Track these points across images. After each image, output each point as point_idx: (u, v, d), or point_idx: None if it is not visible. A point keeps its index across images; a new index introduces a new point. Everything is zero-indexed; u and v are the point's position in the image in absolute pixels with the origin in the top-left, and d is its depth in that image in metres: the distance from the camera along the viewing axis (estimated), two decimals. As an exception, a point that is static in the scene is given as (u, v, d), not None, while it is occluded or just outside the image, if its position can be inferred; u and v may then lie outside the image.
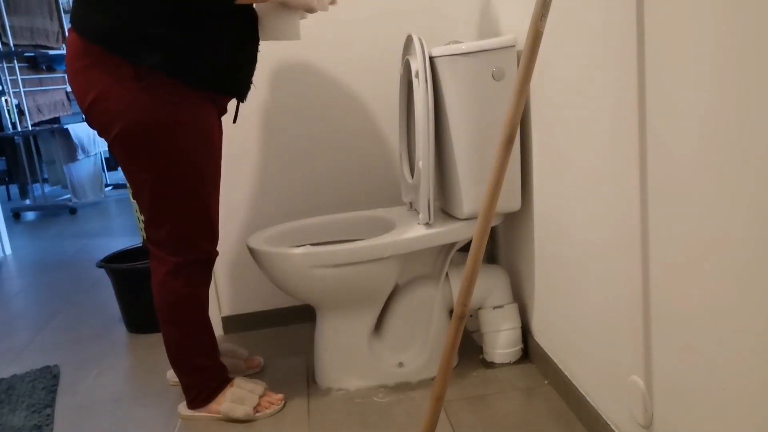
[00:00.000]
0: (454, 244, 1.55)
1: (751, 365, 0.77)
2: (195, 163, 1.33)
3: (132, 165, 1.32)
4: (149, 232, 1.39)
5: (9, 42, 4.79)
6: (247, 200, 1.92)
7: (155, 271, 1.41)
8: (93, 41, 1.24)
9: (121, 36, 1.22)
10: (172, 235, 1.36)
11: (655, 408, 1.03)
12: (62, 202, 4.73)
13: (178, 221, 1.35)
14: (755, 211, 0.73)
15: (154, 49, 1.23)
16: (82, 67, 1.26)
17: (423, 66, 1.39)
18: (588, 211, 1.19)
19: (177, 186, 1.33)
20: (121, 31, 1.22)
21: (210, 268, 1.44)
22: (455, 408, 1.44)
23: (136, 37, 1.22)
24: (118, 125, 1.27)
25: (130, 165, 1.32)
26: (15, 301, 2.66)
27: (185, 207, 1.35)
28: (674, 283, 0.92)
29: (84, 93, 1.28)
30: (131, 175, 1.34)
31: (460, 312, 1.08)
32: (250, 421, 1.47)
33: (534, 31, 0.96)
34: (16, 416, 1.62)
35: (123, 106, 1.25)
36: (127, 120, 1.26)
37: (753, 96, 0.71)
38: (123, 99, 1.25)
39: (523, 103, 1.01)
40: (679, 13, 0.83)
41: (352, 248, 1.43)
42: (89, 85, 1.26)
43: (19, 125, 4.88)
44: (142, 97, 1.25)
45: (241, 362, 1.72)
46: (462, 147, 1.45)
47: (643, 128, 0.95)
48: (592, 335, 1.24)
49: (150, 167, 1.30)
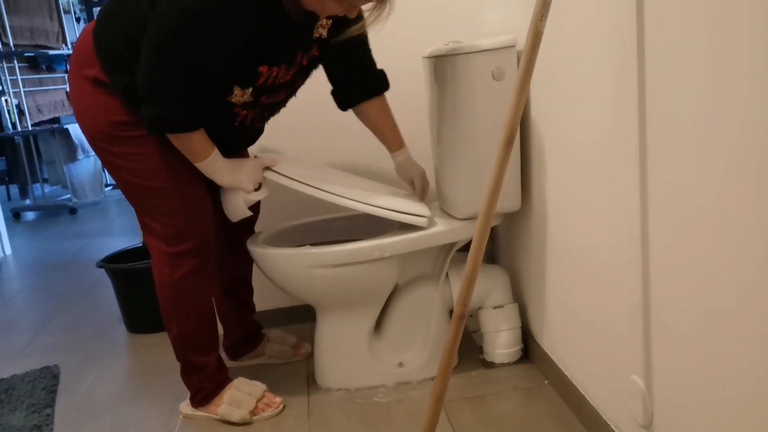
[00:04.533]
0: (454, 244, 1.55)
1: (751, 365, 0.77)
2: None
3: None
4: (140, 224, 1.41)
5: (9, 42, 4.79)
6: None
7: (154, 263, 1.41)
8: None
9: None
10: (164, 226, 1.37)
11: (655, 408, 1.03)
12: (62, 202, 4.72)
13: (157, 215, 1.36)
14: (755, 211, 0.73)
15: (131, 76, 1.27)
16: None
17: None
18: (588, 211, 1.19)
19: (131, 192, 1.37)
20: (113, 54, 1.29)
21: (208, 259, 1.42)
22: (455, 408, 1.44)
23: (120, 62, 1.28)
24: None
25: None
26: (15, 301, 2.66)
27: (154, 204, 1.36)
28: (674, 283, 0.92)
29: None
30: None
31: (460, 312, 1.08)
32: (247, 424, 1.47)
33: (534, 31, 0.96)
34: (16, 416, 1.62)
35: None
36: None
37: (754, 95, 0.71)
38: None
39: (523, 103, 1.01)
40: (679, 13, 0.83)
41: (352, 248, 1.43)
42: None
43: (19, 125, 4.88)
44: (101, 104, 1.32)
45: (289, 349, 1.75)
46: (462, 147, 1.45)
47: (644, 128, 0.95)
48: (592, 335, 1.24)
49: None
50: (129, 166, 1.33)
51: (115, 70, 1.28)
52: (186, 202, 1.36)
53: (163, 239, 1.37)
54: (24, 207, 4.78)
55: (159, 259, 1.40)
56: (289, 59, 1.34)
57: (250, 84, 1.30)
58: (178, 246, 1.37)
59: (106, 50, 1.29)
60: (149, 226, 1.39)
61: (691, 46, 0.81)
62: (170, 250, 1.37)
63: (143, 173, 1.33)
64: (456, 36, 1.89)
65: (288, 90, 1.43)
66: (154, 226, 1.37)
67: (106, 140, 1.32)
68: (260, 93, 1.34)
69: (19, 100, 4.90)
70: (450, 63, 1.42)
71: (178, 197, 1.36)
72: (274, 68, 1.31)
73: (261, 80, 1.31)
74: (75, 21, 5.93)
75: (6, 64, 4.85)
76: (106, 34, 1.29)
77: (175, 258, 1.37)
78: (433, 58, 1.51)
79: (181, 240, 1.37)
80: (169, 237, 1.36)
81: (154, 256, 1.41)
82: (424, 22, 1.87)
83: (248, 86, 1.31)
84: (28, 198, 5.00)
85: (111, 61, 1.28)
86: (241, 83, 1.30)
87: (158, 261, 1.40)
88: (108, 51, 1.28)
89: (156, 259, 1.40)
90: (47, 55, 5.22)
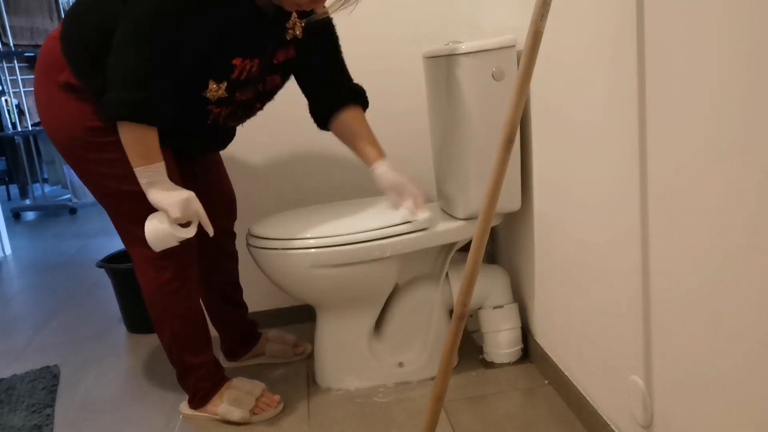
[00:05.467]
0: (454, 244, 1.55)
1: (752, 365, 0.77)
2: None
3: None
4: (119, 230, 1.39)
5: (9, 42, 4.79)
6: (247, 200, 1.92)
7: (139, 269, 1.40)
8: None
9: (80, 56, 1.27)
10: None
11: (655, 408, 1.03)
12: (62, 202, 4.73)
13: (140, 219, 1.30)
14: (756, 212, 0.73)
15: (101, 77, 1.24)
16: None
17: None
18: (588, 211, 1.19)
19: (112, 198, 1.35)
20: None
21: (192, 259, 1.41)
22: (455, 408, 1.44)
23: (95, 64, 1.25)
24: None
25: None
26: (15, 301, 2.66)
27: (137, 208, 1.32)
28: (674, 283, 0.92)
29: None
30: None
31: (460, 312, 1.08)
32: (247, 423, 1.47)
33: (534, 31, 0.96)
34: (16, 416, 1.62)
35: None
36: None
37: (755, 94, 0.71)
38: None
39: (523, 103, 1.01)
40: (679, 13, 0.83)
41: (352, 248, 1.43)
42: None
43: (19, 125, 4.88)
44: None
45: (289, 347, 1.75)
46: (462, 147, 1.45)
47: (644, 128, 0.95)
48: (592, 335, 1.24)
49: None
50: (109, 172, 1.31)
51: (87, 72, 1.26)
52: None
53: (146, 243, 1.36)
54: (24, 207, 4.78)
55: (144, 265, 1.38)
56: (261, 51, 1.33)
57: (224, 78, 1.29)
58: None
59: (76, 52, 1.27)
60: (131, 232, 1.36)
61: (691, 47, 0.81)
62: (154, 254, 1.35)
63: (122, 178, 1.30)
64: (456, 36, 1.89)
65: (261, 86, 1.40)
66: (137, 231, 1.33)
67: (81, 147, 1.30)
68: (234, 88, 1.32)
69: (19, 100, 4.90)
70: (450, 63, 1.42)
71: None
72: (247, 61, 1.30)
73: (235, 73, 1.30)
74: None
75: (6, 64, 4.85)
76: (75, 36, 1.27)
77: (159, 261, 1.36)
78: (433, 58, 1.51)
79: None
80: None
81: (138, 263, 1.39)
82: (424, 22, 1.88)
83: (223, 80, 1.29)
84: (28, 198, 5.01)
85: (82, 63, 1.26)
86: (216, 77, 1.28)
87: (143, 266, 1.39)
88: (79, 52, 1.26)
89: (140, 265, 1.39)
90: (47, 55, 5.22)
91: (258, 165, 1.91)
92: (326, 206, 1.64)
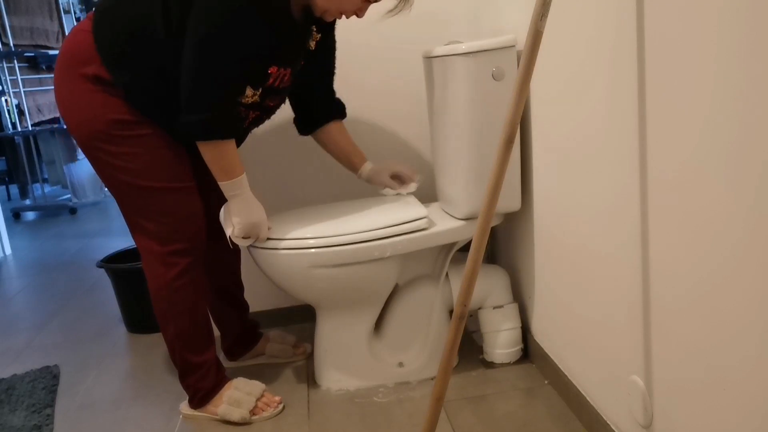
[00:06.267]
0: (454, 244, 1.55)
1: (752, 365, 0.77)
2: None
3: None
4: (130, 224, 1.41)
5: (9, 42, 4.79)
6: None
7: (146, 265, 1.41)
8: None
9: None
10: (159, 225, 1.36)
11: (655, 408, 1.03)
12: (62, 202, 4.73)
13: (152, 214, 1.36)
14: (756, 211, 0.73)
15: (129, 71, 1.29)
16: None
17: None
18: (588, 210, 1.19)
19: (126, 191, 1.37)
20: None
21: (200, 257, 1.42)
22: (455, 408, 1.44)
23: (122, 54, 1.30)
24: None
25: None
26: (15, 301, 2.66)
27: (149, 203, 1.36)
28: (674, 283, 0.92)
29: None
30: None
31: (460, 312, 1.08)
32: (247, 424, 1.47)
33: (534, 31, 0.96)
34: (16, 416, 1.62)
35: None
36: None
37: (755, 95, 0.71)
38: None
39: (523, 103, 1.01)
40: (679, 12, 0.83)
41: (353, 248, 1.43)
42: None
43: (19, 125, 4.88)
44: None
45: (290, 347, 1.76)
46: (462, 147, 1.45)
47: (644, 128, 0.95)
48: (592, 335, 1.24)
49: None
50: (125, 166, 1.33)
51: (117, 66, 1.29)
52: (181, 201, 1.37)
53: (157, 238, 1.37)
54: (24, 207, 4.78)
55: (152, 260, 1.39)
56: (294, 60, 1.39)
57: (260, 84, 1.34)
58: (172, 245, 1.37)
59: (108, 45, 1.29)
60: (142, 226, 1.38)
61: (691, 47, 0.81)
62: (163, 249, 1.37)
63: (140, 173, 1.33)
64: (456, 36, 1.89)
65: (285, 95, 1.47)
66: (148, 226, 1.36)
67: (102, 139, 1.32)
68: (267, 94, 1.38)
69: (19, 100, 4.90)
70: (450, 63, 1.42)
71: (173, 196, 1.36)
72: (282, 69, 1.36)
73: (270, 81, 1.35)
74: (75, 21, 5.93)
75: (6, 64, 4.85)
76: (107, 30, 1.29)
77: (168, 257, 1.37)
78: (433, 58, 1.51)
79: (175, 239, 1.37)
80: (164, 236, 1.36)
81: (146, 257, 1.40)
82: (424, 22, 1.88)
83: (259, 86, 1.35)
84: (28, 198, 5.01)
85: (113, 57, 1.29)
86: (253, 83, 1.33)
87: (151, 261, 1.39)
88: (110, 46, 1.29)
89: (148, 260, 1.40)
90: (47, 55, 5.22)
91: (258, 165, 1.91)
92: (326, 206, 1.64)
